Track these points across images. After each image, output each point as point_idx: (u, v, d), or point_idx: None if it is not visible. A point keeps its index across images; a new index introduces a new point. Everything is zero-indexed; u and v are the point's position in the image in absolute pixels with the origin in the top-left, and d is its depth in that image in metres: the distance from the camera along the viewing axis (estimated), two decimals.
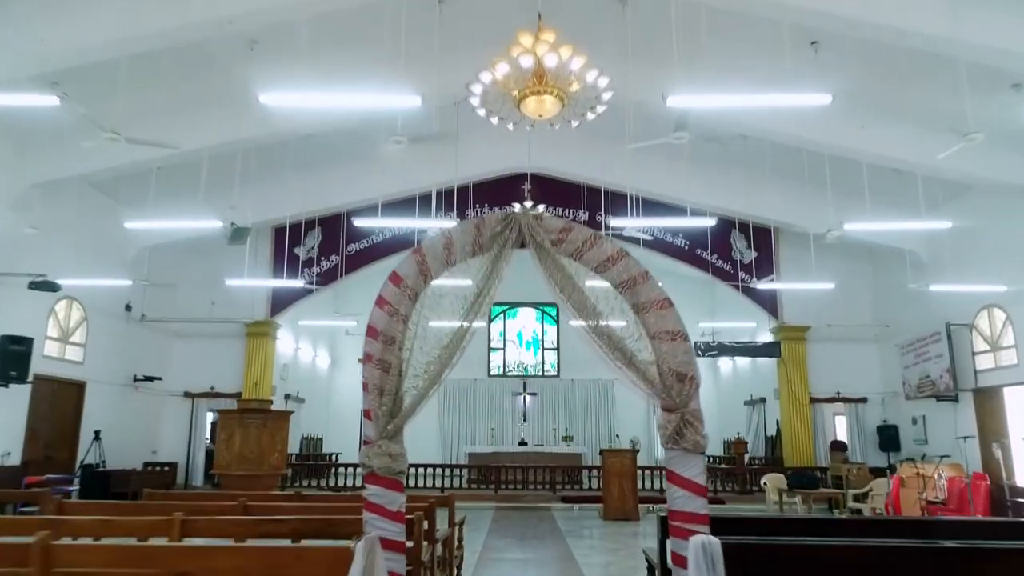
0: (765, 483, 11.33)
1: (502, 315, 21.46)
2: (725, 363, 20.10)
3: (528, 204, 11.17)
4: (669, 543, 3.65)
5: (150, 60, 8.64)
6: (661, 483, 14.13)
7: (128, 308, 13.67)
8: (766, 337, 16.06)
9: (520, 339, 21.34)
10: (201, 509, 5.14)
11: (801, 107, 9.13)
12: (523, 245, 3.84)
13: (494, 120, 5.82)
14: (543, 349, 21.21)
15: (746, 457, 15.48)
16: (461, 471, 14.78)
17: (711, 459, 18.99)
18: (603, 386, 20.62)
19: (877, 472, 12.86)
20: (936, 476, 10.12)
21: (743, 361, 18.57)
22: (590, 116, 5.97)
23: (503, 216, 3.76)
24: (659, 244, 15.87)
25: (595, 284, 3.85)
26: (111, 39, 7.97)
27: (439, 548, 5.49)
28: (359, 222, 13.90)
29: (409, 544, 3.89)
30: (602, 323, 3.74)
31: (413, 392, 3.76)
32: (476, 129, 13.18)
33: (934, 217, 11.25)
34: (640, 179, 13.76)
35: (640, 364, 3.72)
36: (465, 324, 3.78)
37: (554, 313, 21.36)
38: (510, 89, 5.29)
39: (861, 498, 10.63)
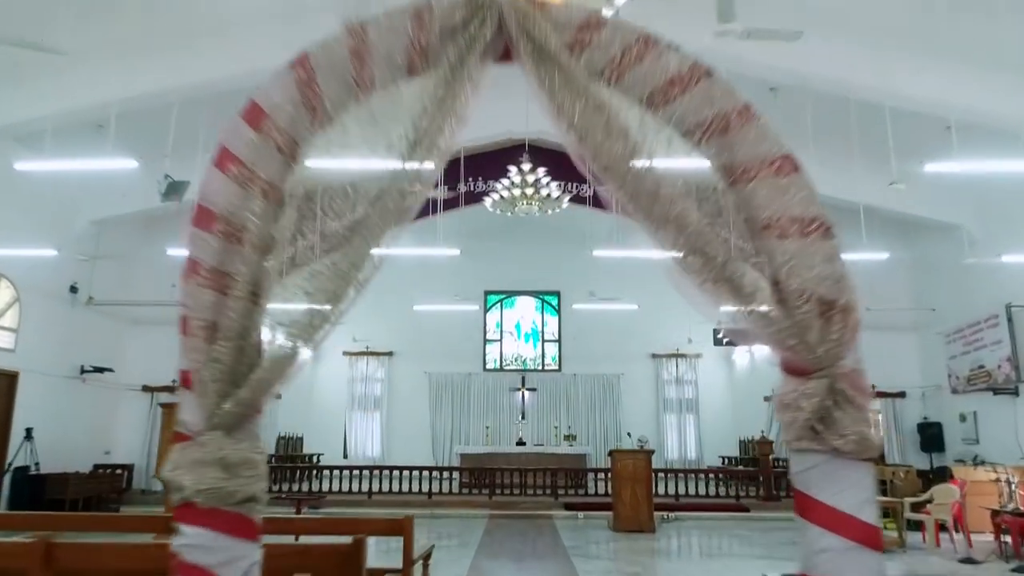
0: None
1: (499, 304, 19.84)
2: (741, 356, 18.49)
3: (527, 167, 9.60)
4: None
5: None
6: (677, 488, 12.54)
7: (73, 290, 12.07)
8: None
9: (518, 330, 19.74)
10: None
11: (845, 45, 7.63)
12: (507, 54, 2.18)
13: None
14: (543, 341, 19.61)
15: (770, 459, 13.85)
16: (451, 474, 13.18)
17: (726, 460, 17.40)
18: (608, 381, 19.01)
19: (925, 476, 11.28)
20: (1007, 481, 8.51)
21: (763, 353, 16.96)
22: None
23: None
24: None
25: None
26: None
27: None
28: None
29: None
30: (666, 193, 2.11)
31: (288, 331, 2.15)
32: None
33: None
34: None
35: (743, 283, 2.10)
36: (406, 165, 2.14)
37: (555, 302, 19.75)
38: None
39: (917, 507, 9.03)
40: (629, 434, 12.99)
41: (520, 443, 15.62)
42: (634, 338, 19.24)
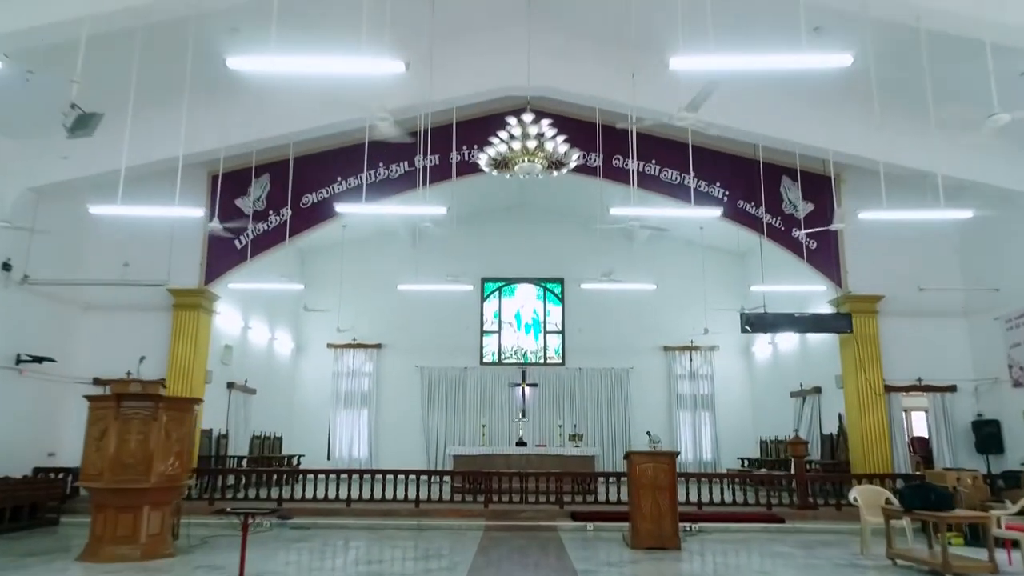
0: (855, 499, 8.18)
1: (497, 293, 18.27)
2: (762, 348, 16.92)
3: (528, 117, 8.01)
4: None
5: None
6: (700, 493, 10.97)
7: (6, 267, 10.49)
8: (824, 310, 12.88)
9: (518, 321, 18.17)
10: None
11: None
12: None
13: None
14: (545, 332, 18.04)
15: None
16: (441, 479, 11.60)
17: (745, 462, 15.83)
18: (617, 376, 17.45)
19: (990, 482, 9.71)
20: None
21: (787, 344, 15.40)
22: None
23: None
24: (689, 193, 12.71)
25: None
26: None
27: None
28: (342, 208, 10.68)
29: None
30: None
31: None
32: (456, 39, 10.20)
33: None
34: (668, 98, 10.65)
35: None
36: None
37: (558, 290, 18.18)
38: None
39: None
40: (649, 433, 11.42)
41: (520, 443, 14.05)
42: (644, 329, 17.68)
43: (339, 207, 10.29)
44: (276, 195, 12.68)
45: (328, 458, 17.12)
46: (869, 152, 10.48)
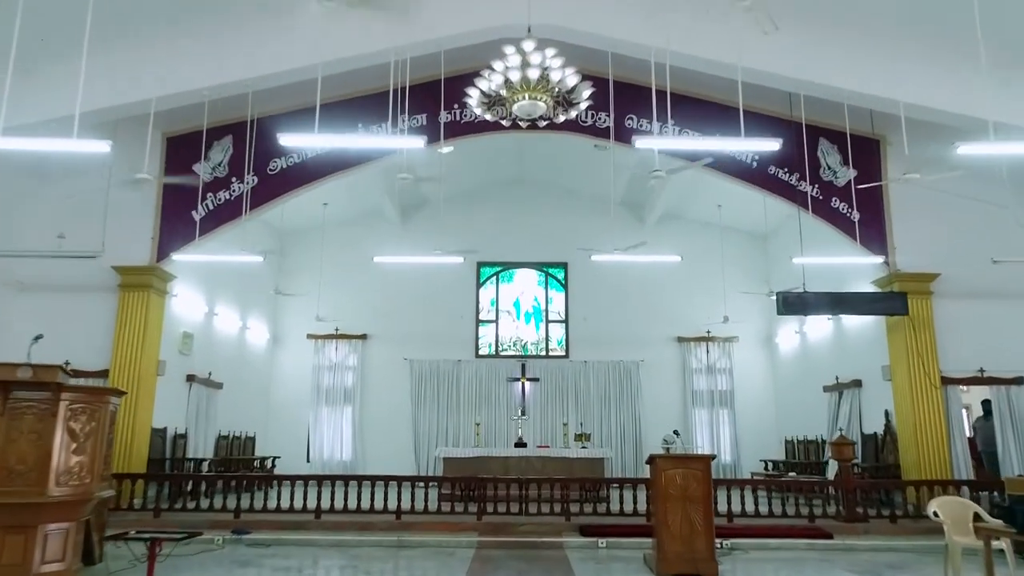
0: (936, 514, 6.57)
1: (494, 278, 16.63)
2: (787, 338, 15.29)
3: (529, 45, 6.39)
4: None
5: None
6: (729, 503, 9.33)
7: None
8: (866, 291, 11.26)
9: (517, 309, 16.54)
10: None
11: None
12: None
13: None
14: (547, 322, 16.41)
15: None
16: (427, 486, 9.95)
17: (770, 465, 14.23)
18: (626, 369, 15.82)
19: None
20: None
21: (819, 333, 13.76)
22: None
23: None
24: (713, 159, 11.11)
25: None
26: None
27: None
28: (285, 139, 9.00)
29: None
30: None
31: None
32: None
33: None
34: (693, 42, 9.08)
35: None
36: None
37: (561, 275, 16.54)
38: None
39: None
40: (677, 432, 9.76)
41: (520, 444, 12.41)
42: (656, 318, 16.07)
43: (284, 138, 8.57)
44: (240, 160, 11.05)
45: (308, 460, 15.51)
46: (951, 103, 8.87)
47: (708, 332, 15.99)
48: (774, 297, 12.71)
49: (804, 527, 9.03)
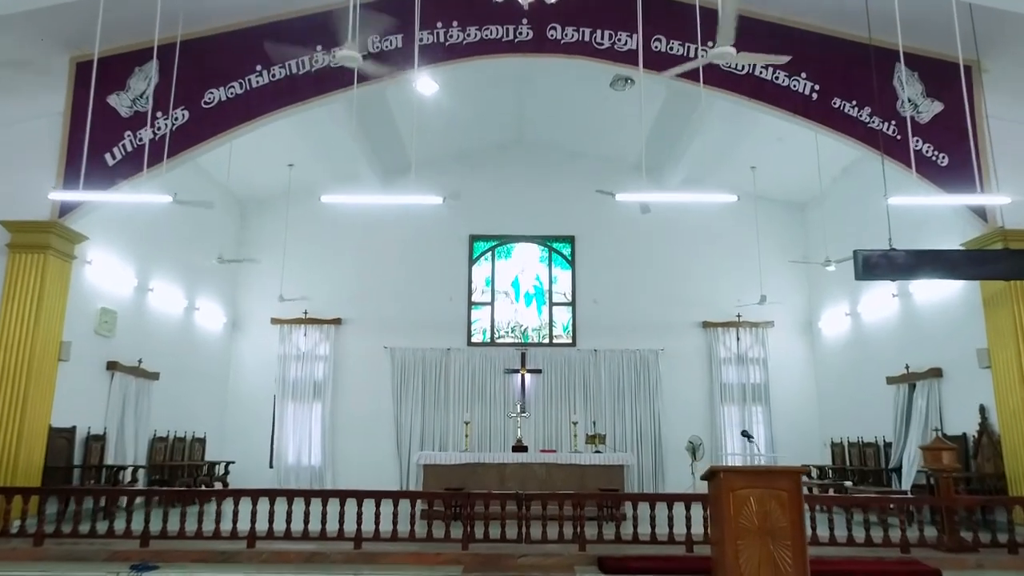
0: None
1: (489, 253, 14.34)
2: (833, 321, 13.00)
3: None
4: None
5: None
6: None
7: None
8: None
9: (516, 290, 14.26)
10: None
11: None
12: None
13: None
14: (551, 304, 14.13)
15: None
16: (396, 504, 7.59)
17: (816, 473, 12.00)
18: (643, 359, 13.55)
19: None
20: None
21: (880, 312, 11.47)
22: None
23: None
24: (763, 89, 8.88)
25: None
26: None
27: None
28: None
29: None
30: None
31: None
32: None
33: None
34: None
35: None
36: None
37: (568, 251, 14.26)
38: None
39: None
40: (748, 435, 7.49)
41: (519, 448, 10.10)
42: (678, 300, 13.83)
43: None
44: (167, 90, 8.75)
45: (271, 466, 13.24)
46: None
47: (738, 316, 13.72)
48: (831, 267, 10.44)
49: (899, 561, 6.74)
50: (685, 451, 12.56)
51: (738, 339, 13.73)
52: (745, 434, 7.62)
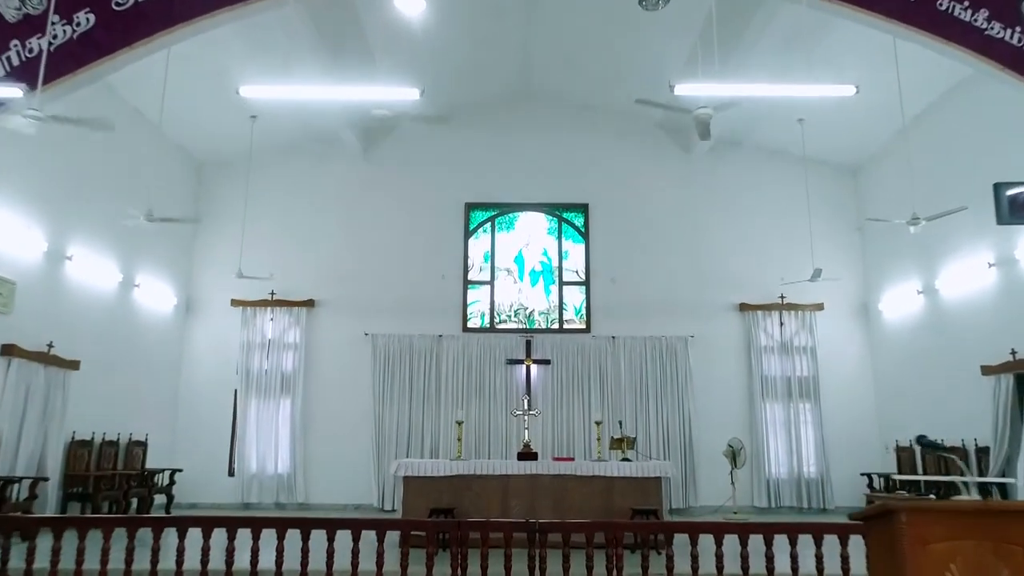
0: None
1: (489, 224, 12.26)
2: (898, 301, 10.92)
3: None
4: None
5: None
6: None
7: None
8: None
9: (521, 267, 12.18)
10: None
11: None
12: None
13: None
14: (560, 284, 12.04)
15: None
16: (357, 538, 5.48)
17: (879, 481, 9.97)
18: (670, 348, 11.48)
19: None
20: None
21: (964, 288, 9.38)
22: None
23: None
24: None
25: None
26: None
27: None
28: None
29: None
30: None
31: None
32: None
33: None
34: None
35: None
36: None
37: (581, 222, 12.18)
38: None
39: None
40: (935, 443, 5.36)
41: (526, 455, 8.00)
42: (710, 278, 11.79)
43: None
44: None
45: (230, 474, 11.16)
46: None
47: (782, 297, 11.65)
48: (917, 226, 8.36)
49: None
50: (723, 457, 10.51)
51: (781, 324, 11.66)
52: (934, 443, 5.34)
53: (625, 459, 7.80)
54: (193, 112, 10.47)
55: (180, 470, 10.29)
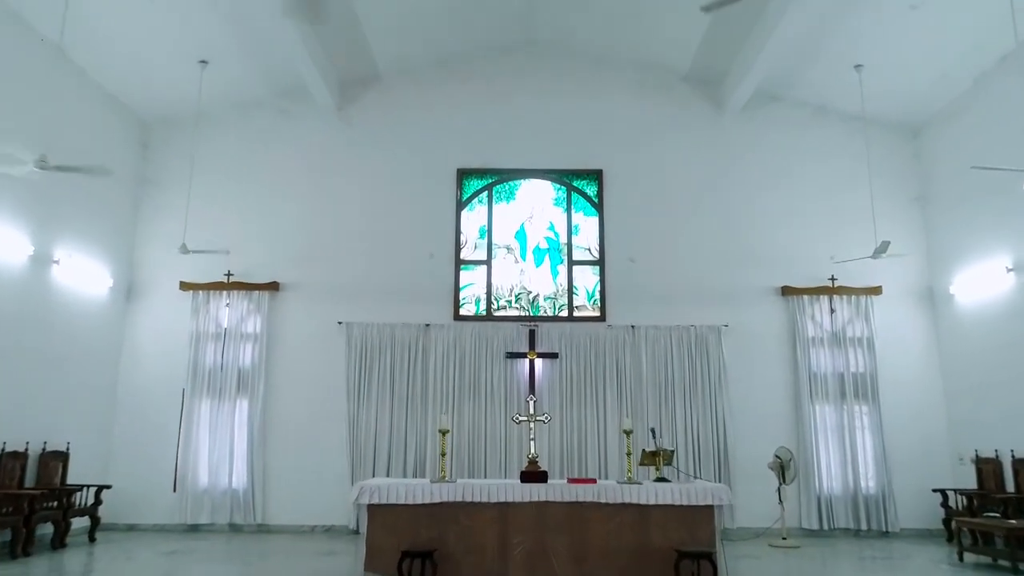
0: None
1: (485, 194, 10.41)
2: (974, 282, 9.07)
3: None
4: None
5: None
6: None
7: None
8: None
9: (523, 244, 10.34)
10: None
11: None
12: None
13: None
14: (570, 264, 10.20)
15: None
16: None
17: (956, 500, 8.13)
18: (700, 338, 9.66)
19: None
20: None
21: None
22: None
23: None
24: None
25: None
26: None
27: None
28: None
29: None
30: None
31: None
32: None
33: None
34: None
35: None
36: None
37: (594, 191, 10.34)
38: None
39: None
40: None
41: (532, 475, 6.13)
42: (746, 257, 10.02)
43: None
44: None
45: (174, 490, 9.32)
46: None
47: (832, 279, 9.83)
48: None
49: None
50: (767, 469, 8.69)
51: (832, 311, 9.83)
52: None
53: (661, 478, 5.96)
54: (136, 60, 8.67)
55: (108, 486, 8.46)
